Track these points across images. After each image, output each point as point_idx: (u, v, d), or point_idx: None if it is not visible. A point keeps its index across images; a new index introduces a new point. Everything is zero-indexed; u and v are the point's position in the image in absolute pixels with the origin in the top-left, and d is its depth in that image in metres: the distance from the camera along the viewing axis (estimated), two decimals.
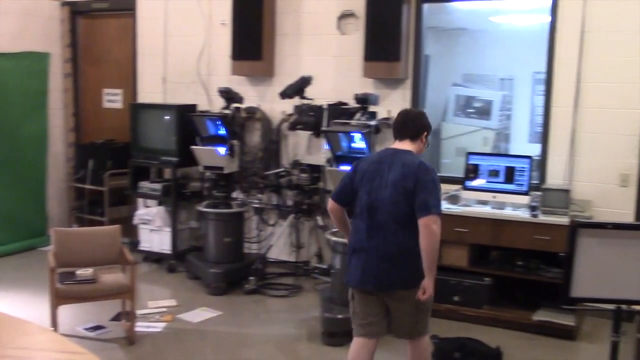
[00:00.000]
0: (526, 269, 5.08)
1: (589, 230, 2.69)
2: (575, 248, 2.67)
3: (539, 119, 5.60)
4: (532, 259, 5.10)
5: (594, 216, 5.23)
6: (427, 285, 3.41)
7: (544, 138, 5.53)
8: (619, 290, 2.74)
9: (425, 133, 3.68)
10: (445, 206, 5.31)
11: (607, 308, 2.80)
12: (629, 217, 5.21)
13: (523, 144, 7.24)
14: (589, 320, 5.31)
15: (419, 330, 3.64)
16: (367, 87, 5.99)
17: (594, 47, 5.27)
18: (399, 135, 3.67)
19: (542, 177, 5.48)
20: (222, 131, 6.09)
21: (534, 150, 5.75)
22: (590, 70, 5.30)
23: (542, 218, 4.95)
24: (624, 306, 2.78)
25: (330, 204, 3.71)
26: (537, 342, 4.91)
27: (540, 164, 5.52)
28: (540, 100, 5.82)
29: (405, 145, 3.62)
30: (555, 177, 5.44)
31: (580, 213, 5.18)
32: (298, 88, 5.79)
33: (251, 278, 5.88)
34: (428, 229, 3.34)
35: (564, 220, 4.84)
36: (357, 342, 3.66)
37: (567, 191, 5.18)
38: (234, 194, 6.39)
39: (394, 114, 5.85)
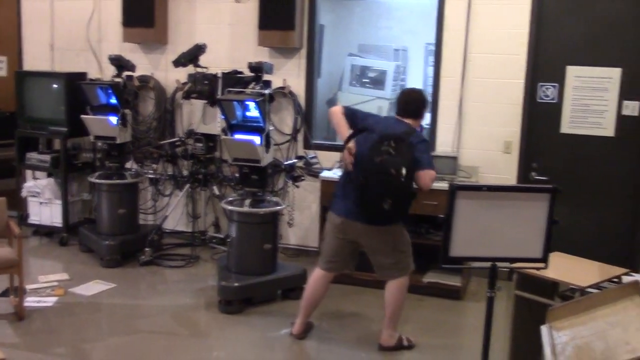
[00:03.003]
0: (416, 233, 5.27)
1: (466, 192, 2.82)
2: (454, 210, 2.80)
3: (431, 89, 5.78)
4: (423, 224, 5.30)
5: (479, 181, 5.47)
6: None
7: (433, 107, 5.72)
8: (495, 248, 2.90)
9: (424, 110, 4.25)
10: (339, 173, 5.41)
11: (483, 266, 2.95)
12: (512, 182, 5.48)
13: None
14: (475, 281, 5.61)
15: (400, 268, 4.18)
16: (262, 55, 5.98)
17: (481, 19, 5.47)
18: (403, 113, 4.19)
19: (433, 144, 5.67)
20: (114, 100, 5.92)
21: (427, 119, 5.93)
22: (477, 42, 5.51)
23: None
24: (498, 264, 2.95)
25: (339, 109, 4.19)
26: (427, 302, 5.14)
27: (430, 132, 5.71)
28: (431, 71, 6.00)
29: (408, 120, 4.15)
30: (444, 145, 5.65)
31: (467, 178, 5.42)
32: (192, 56, 5.69)
33: (147, 249, 5.80)
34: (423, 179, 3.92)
35: None
36: (319, 272, 4.34)
37: (454, 158, 5.41)
38: (128, 165, 6.25)
39: (290, 83, 6.00)
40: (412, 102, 4.21)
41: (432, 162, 4.02)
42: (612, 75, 5.20)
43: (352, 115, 4.18)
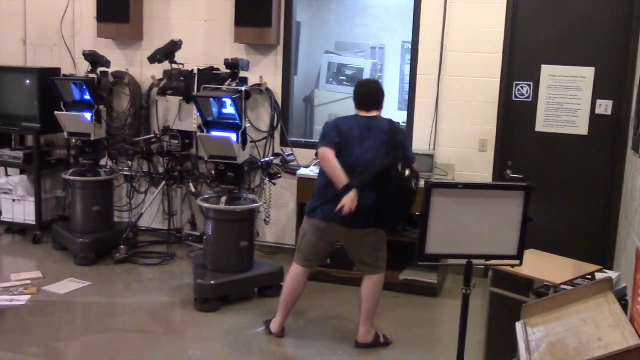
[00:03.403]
0: (393, 231, 5.27)
1: (442, 190, 2.84)
2: (430, 208, 2.81)
3: (408, 87, 5.79)
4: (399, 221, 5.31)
5: (456, 179, 5.51)
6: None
7: (410, 105, 5.74)
8: (470, 246, 2.92)
9: (384, 100, 4.23)
10: (316, 171, 5.40)
11: (459, 263, 2.97)
12: (487, 179, 5.52)
13: (393, 112, 7.46)
14: (451, 278, 5.65)
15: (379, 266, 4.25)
16: (239, 52, 5.95)
17: (457, 17, 5.49)
18: (366, 106, 4.15)
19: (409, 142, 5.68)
20: (88, 96, 5.85)
21: (404, 117, 5.95)
22: (453, 41, 5.53)
23: None
24: (474, 261, 2.97)
25: (328, 151, 3.99)
26: (404, 299, 5.16)
27: (407, 130, 5.73)
28: (408, 69, 6.02)
29: (373, 113, 4.14)
30: (420, 143, 5.67)
31: (443, 176, 5.45)
32: (168, 52, 5.66)
33: (122, 247, 5.75)
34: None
35: None
36: (298, 269, 4.34)
37: (431, 156, 5.44)
38: (103, 162, 6.19)
39: (266, 80, 5.97)
40: (374, 92, 4.21)
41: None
42: (585, 75, 5.26)
43: (336, 145, 4.03)
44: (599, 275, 3.47)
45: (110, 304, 4.94)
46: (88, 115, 5.78)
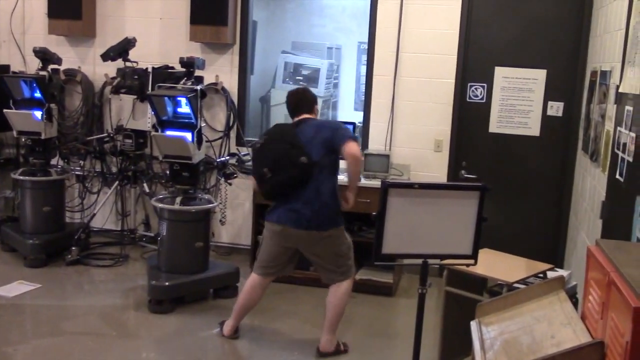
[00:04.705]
0: (349, 231, 5.28)
1: (398, 190, 2.85)
2: (386, 207, 2.82)
3: (364, 88, 5.82)
4: (355, 222, 5.33)
5: (411, 179, 5.54)
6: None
7: (366, 105, 5.76)
8: (426, 245, 2.94)
9: (316, 105, 4.26)
10: None
11: (415, 263, 2.98)
12: (442, 179, 5.58)
13: (349, 112, 7.50)
14: (406, 277, 5.69)
15: (342, 272, 4.17)
16: (194, 51, 5.89)
17: (413, 19, 5.54)
18: (297, 113, 4.18)
19: (365, 143, 5.71)
20: (39, 94, 5.72)
21: (360, 117, 5.97)
22: (409, 42, 5.57)
23: (364, 182, 5.16)
24: (429, 260, 2.99)
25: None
26: (360, 299, 5.17)
27: (363, 131, 5.75)
28: (365, 69, 6.04)
29: (304, 115, 4.17)
30: (376, 143, 5.70)
31: (399, 176, 5.49)
32: (121, 50, 5.57)
33: (73, 248, 5.63)
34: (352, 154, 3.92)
35: None
36: (255, 278, 4.25)
37: (387, 156, 5.47)
38: (53, 161, 6.05)
39: (222, 79, 5.93)
40: (303, 100, 4.21)
41: (349, 133, 4.07)
42: (537, 77, 5.35)
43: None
44: (550, 274, 3.53)
45: (61, 306, 4.83)
46: (38, 114, 5.65)
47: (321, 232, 4.03)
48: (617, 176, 3.40)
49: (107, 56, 5.56)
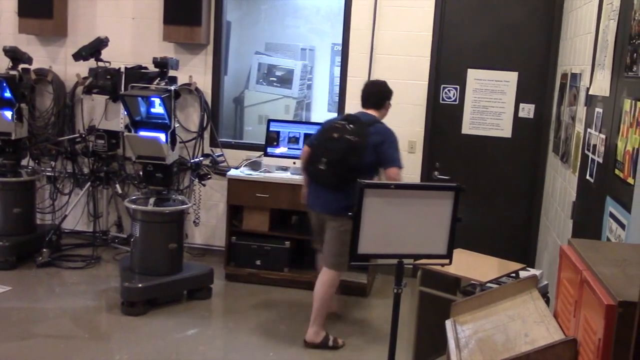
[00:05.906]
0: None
1: (374, 190, 2.86)
2: (362, 208, 2.83)
3: (338, 89, 5.83)
4: None
5: None
6: None
7: (340, 107, 5.78)
8: (401, 246, 2.95)
9: (388, 101, 4.45)
10: (246, 172, 5.39)
11: (390, 263, 3.00)
12: (416, 180, 5.60)
13: (323, 113, 7.50)
14: (379, 278, 5.71)
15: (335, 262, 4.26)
16: (168, 51, 5.85)
17: (387, 20, 5.57)
18: (365, 104, 4.40)
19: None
20: (8, 94, 5.63)
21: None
22: (382, 43, 5.60)
23: None
24: (404, 260, 3.01)
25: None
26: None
27: None
28: (338, 71, 6.06)
29: (370, 111, 4.37)
30: None
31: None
32: (93, 49, 5.52)
33: (44, 250, 5.56)
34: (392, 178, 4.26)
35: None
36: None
37: None
38: (24, 162, 5.96)
39: (196, 80, 5.90)
40: (374, 93, 4.42)
41: (396, 160, 4.27)
42: (509, 79, 5.42)
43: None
44: (522, 273, 3.57)
45: (32, 309, 4.77)
46: (8, 114, 5.56)
47: (330, 215, 4.29)
48: (588, 177, 3.46)
49: (79, 56, 5.50)
